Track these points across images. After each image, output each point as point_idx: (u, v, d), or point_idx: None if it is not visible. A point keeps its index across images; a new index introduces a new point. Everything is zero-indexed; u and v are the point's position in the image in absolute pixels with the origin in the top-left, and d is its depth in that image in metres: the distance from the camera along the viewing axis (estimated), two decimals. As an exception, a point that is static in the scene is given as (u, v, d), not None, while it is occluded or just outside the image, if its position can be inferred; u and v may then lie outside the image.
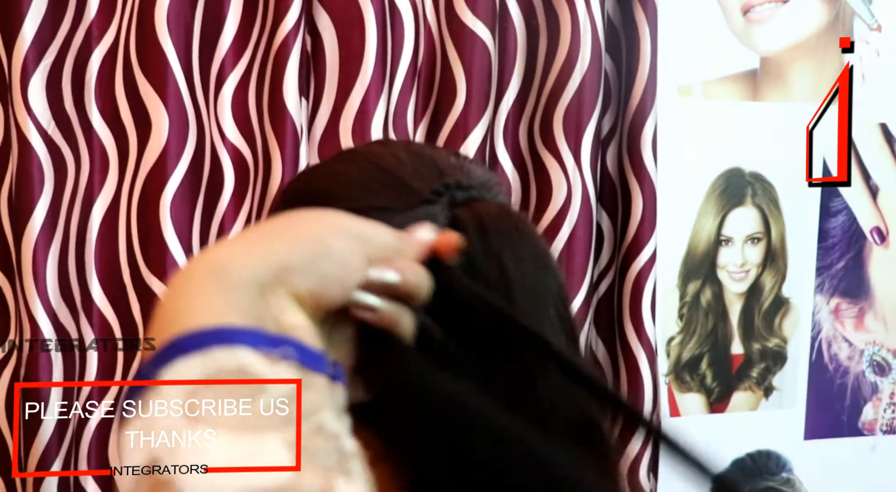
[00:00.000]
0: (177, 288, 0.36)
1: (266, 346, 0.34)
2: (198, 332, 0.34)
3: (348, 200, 0.46)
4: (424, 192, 0.45)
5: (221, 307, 0.35)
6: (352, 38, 1.03)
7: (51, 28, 0.98)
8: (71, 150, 1.00)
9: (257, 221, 1.03)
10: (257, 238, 0.38)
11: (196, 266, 0.37)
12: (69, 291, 1.01)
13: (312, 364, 0.35)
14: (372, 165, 0.47)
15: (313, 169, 0.54)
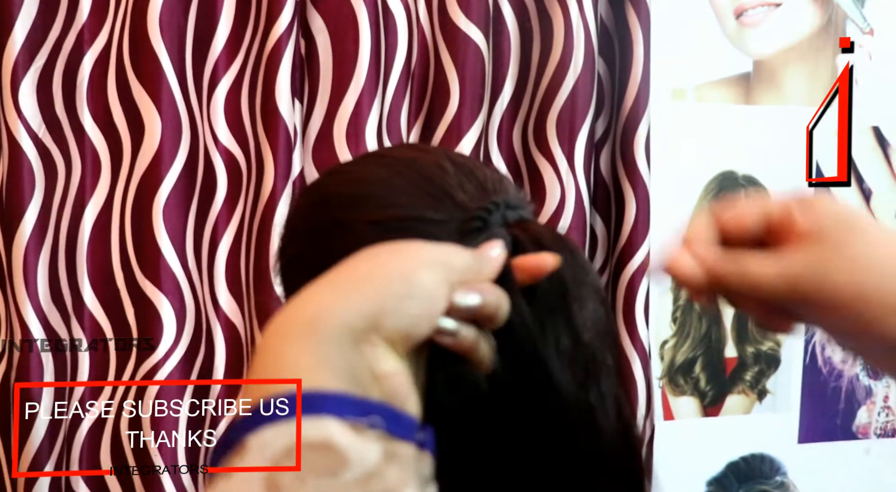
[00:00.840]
0: (268, 348, 0.36)
1: (353, 414, 0.33)
2: (285, 397, 0.33)
3: (394, 208, 0.45)
4: (471, 206, 0.45)
5: (314, 364, 0.35)
6: (345, 41, 1.03)
7: (42, 30, 0.97)
8: (61, 153, 0.99)
9: (250, 224, 1.03)
10: (346, 284, 0.37)
11: (288, 319, 0.36)
12: (60, 295, 1.00)
13: (400, 432, 0.34)
14: (414, 172, 0.47)
15: (338, 172, 0.52)
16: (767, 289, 0.40)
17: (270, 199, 1.00)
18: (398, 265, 0.38)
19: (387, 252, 0.39)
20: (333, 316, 0.36)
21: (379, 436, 0.33)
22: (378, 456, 0.33)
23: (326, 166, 1.03)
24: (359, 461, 0.32)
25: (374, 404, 0.34)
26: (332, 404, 0.33)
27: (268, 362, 0.35)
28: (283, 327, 0.36)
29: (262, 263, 1.01)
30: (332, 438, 0.32)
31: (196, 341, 1.04)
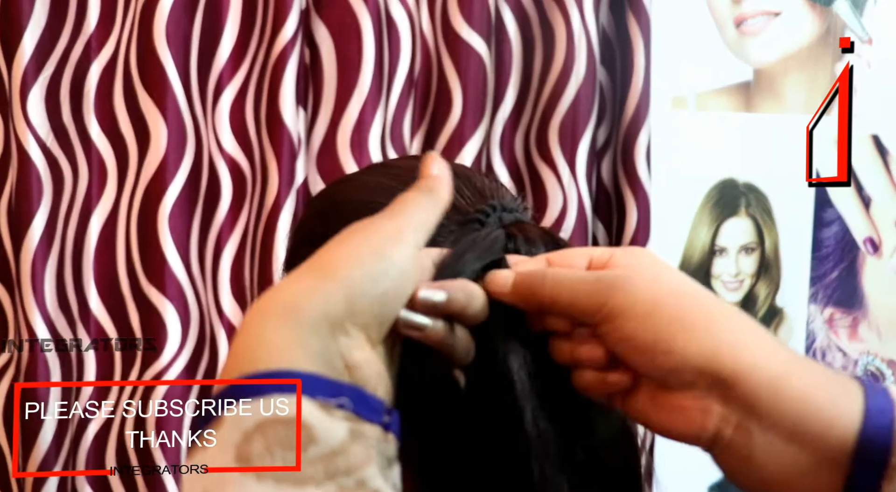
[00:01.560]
0: (248, 327, 0.38)
1: (323, 394, 0.35)
2: (258, 374, 0.35)
3: None
4: (469, 210, 0.47)
5: (291, 346, 0.36)
6: (349, 50, 1.04)
7: (50, 41, 0.98)
8: (69, 161, 1.01)
9: (255, 232, 1.04)
10: (324, 269, 0.39)
11: (267, 304, 0.38)
12: (66, 301, 1.01)
13: (367, 414, 0.36)
14: (415, 179, 0.48)
15: (350, 180, 0.54)
16: (572, 283, 0.41)
17: (274, 206, 1.01)
18: (370, 243, 0.39)
19: (361, 230, 0.40)
20: (312, 303, 0.37)
21: (346, 416, 0.35)
22: (344, 435, 0.34)
23: (330, 174, 1.04)
24: (325, 439, 0.34)
25: (343, 386, 0.36)
26: (303, 384, 0.35)
27: (248, 341, 0.37)
28: (264, 309, 0.38)
29: (265, 270, 1.02)
30: (302, 415, 0.34)
31: (200, 347, 1.05)
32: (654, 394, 0.41)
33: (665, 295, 0.40)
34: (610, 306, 0.40)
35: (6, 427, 0.99)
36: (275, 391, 0.34)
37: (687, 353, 0.39)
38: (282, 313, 0.37)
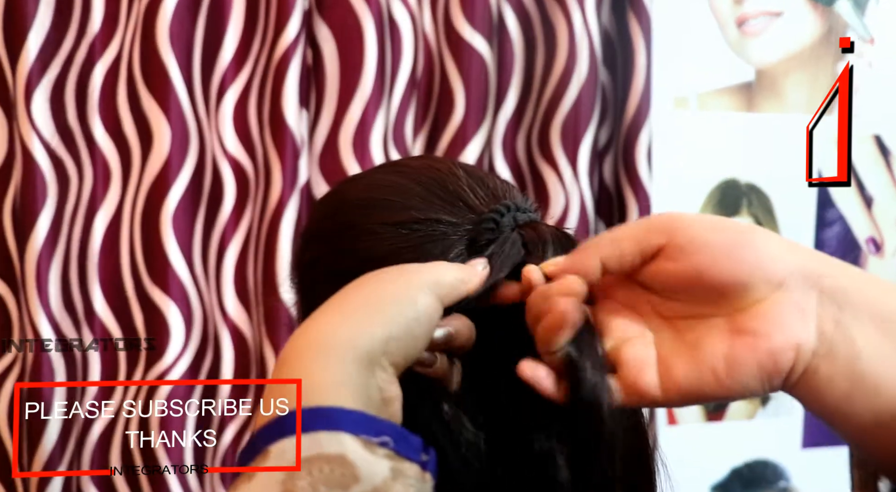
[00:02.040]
0: (291, 359, 0.38)
1: (367, 432, 0.35)
2: (307, 410, 0.36)
3: (410, 210, 0.47)
4: (483, 209, 0.47)
5: (336, 383, 0.37)
6: (351, 51, 1.04)
7: (54, 42, 0.99)
8: (74, 162, 1.01)
9: (258, 232, 1.04)
10: (362, 310, 0.40)
11: (310, 339, 0.39)
12: (71, 302, 1.02)
13: (407, 453, 0.36)
14: (429, 179, 0.49)
15: (358, 179, 0.54)
16: (626, 231, 0.42)
17: (278, 207, 1.01)
18: (402, 290, 0.40)
19: (388, 275, 0.41)
20: (355, 341, 0.38)
21: (387, 454, 0.35)
22: (386, 473, 0.35)
23: (332, 174, 1.04)
24: (368, 477, 0.34)
25: (385, 424, 0.36)
26: (348, 421, 0.35)
27: (292, 373, 0.37)
28: (305, 347, 0.38)
29: (269, 270, 1.02)
30: (346, 452, 0.34)
31: (203, 348, 1.05)
32: (733, 324, 0.39)
33: (721, 219, 0.41)
34: (680, 231, 0.40)
35: (11, 427, 1.00)
36: (321, 427, 0.35)
37: (772, 246, 0.39)
38: (325, 352, 0.38)
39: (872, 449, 0.39)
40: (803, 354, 0.38)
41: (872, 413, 0.37)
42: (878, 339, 0.37)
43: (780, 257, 0.39)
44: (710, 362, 0.39)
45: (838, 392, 0.38)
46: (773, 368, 0.38)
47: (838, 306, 0.38)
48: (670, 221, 0.40)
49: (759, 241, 0.39)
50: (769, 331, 0.38)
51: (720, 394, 0.40)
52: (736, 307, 0.39)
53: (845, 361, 0.38)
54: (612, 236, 0.42)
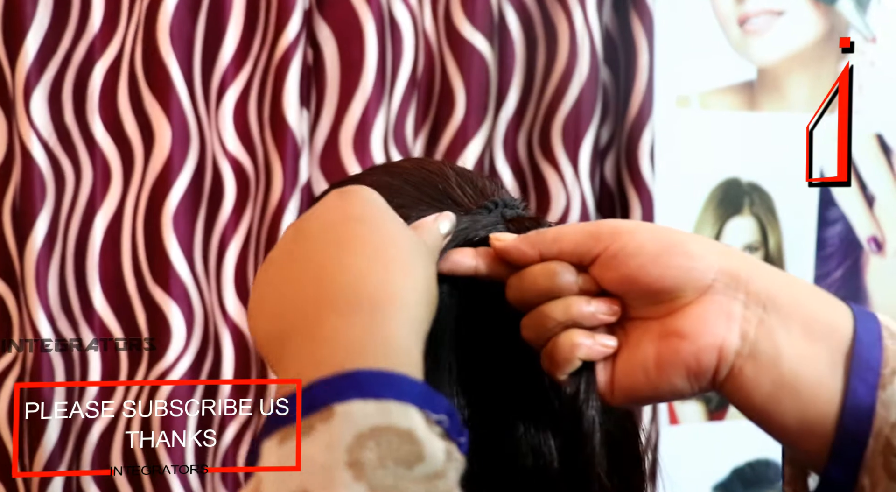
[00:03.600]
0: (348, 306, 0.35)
1: (430, 409, 0.33)
2: (379, 374, 0.33)
3: (399, 208, 0.47)
4: (471, 206, 0.48)
5: (405, 347, 0.35)
6: (352, 50, 1.04)
7: (53, 42, 0.99)
8: (71, 162, 1.01)
9: (258, 232, 1.04)
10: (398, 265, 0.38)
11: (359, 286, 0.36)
12: (72, 302, 1.02)
13: (456, 434, 0.34)
14: (419, 179, 0.49)
15: (357, 179, 0.54)
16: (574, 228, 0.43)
17: (278, 207, 1.01)
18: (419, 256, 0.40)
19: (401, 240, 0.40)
20: (411, 299, 0.37)
21: (441, 434, 0.33)
22: (444, 456, 0.32)
23: (333, 174, 1.04)
24: (431, 457, 0.32)
25: (443, 402, 0.34)
26: (417, 394, 0.33)
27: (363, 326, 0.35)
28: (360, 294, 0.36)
29: (269, 270, 1.02)
30: (414, 429, 0.32)
31: (204, 347, 1.05)
32: (663, 326, 0.41)
33: (661, 227, 0.43)
34: (616, 239, 0.41)
35: (12, 425, 1.00)
36: (392, 396, 0.32)
37: (703, 251, 0.41)
38: (400, 307, 0.36)
39: (799, 447, 0.40)
40: (726, 355, 0.39)
41: (796, 412, 0.39)
42: (802, 341, 0.39)
43: (709, 262, 0.40)
44: (643, 362, 0.41)
45: (763, 392, 0.39)
46: (697, 368, 0.40)
47: (764, 309, 0.39)
48: (609, 230, 0.42)
49: (689, 246, 0.41)
50: (693, 332, 0.40)
51: (651, 394, 0.41)
52: (667, 311, 0.41)
53: (768, 362, 0.39)
54: (555, 235, 0.43)
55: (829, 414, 0.38)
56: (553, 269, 0.42)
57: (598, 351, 0.42)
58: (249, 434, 1.05)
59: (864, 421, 0.37)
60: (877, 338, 0.39)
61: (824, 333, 0.39)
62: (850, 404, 0.38)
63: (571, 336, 0.42)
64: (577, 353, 0.41)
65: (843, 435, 0.38)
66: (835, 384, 0.38)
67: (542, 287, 0.42)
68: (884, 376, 0.38)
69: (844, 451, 0.38)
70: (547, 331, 0.42)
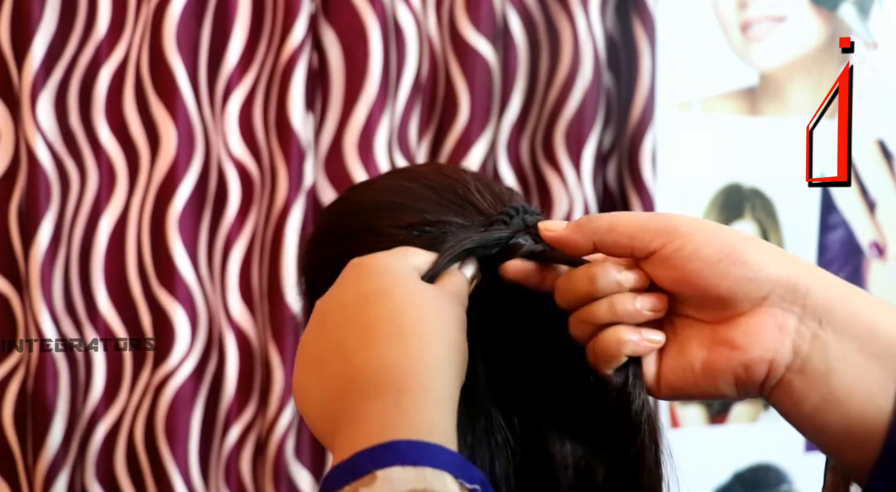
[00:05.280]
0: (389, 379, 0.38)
1: (465, 478, 0.35)
2: (416, 444, 0.35)
3: (423, 213, 0.48)
4: (491, 212, 0.48)
5: (441, 421, 0.37)
6: (356, 55, 1.04)
7: (60, 46, 0.99)
8: (77, 165, 1.01)
9: (263, 235, 1.05)
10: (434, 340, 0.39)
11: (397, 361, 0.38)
12: (76, 304, 1.02)
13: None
14: (438, 183, 0.50)
15: (368, 184, 0.55)
16: (631, 217, 0.43)
17: (283, 210, 1.02)
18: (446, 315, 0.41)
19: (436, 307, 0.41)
20: (451, 376, 0.38)
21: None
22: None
23: (337, 178, 1.05)
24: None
25: (477, 473, 0.36)
26: (452, 464, 0.35)
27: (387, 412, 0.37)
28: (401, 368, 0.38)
29: (274, 273, 1.03)
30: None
31: (208, 350, 1.05)
32: (714, 333, 0.41)
33: (721, 228, 0.42)
34: (674, 238, 0.41)
35: (17, 427, 1.00)
36: (428, 464, 0.34)
37: (762, 260, 0.40)
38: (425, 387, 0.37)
39: (842, 457, 0.40)
40: (776, 368, 0.40)
41: (842, 424, 0.39)
42: (855, 356, 0.39)
43: (767, 273, 0.40)
44: (691, 364, 0.41)
45: (810, 405, 0.40)
46: (746, 378, 0.40)
47: (819, 323, 0.39)
48: (669, 225, 0.41)
49: (749, 254, 0.40)
50: (746, 344, 0.40)
51: (696, 394, 0.42)
52: (719, 317, 0.41)
53: (819, 377, 0.39)
54: (610, 224, 0.43)
55: (877, 430, 0.38)
56: (595, 273, 0.42)
57: (644, 347, 0.42)
58: (253, 436, 1.05)
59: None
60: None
61: (879, 349, 0.39)
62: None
63: (617, 332, 0.42)
64: (623, 349, 0.42)
65: (889, 450, 0.38)
66: (885, 401, 0.38)
67: (586, 290, 0.43)
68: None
69: (890, 466, 0.38)
70: (593, 328, 0.43)
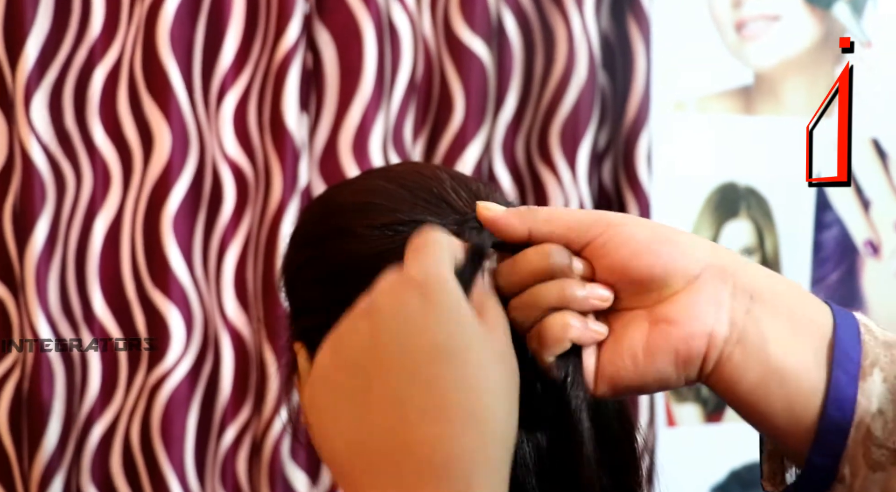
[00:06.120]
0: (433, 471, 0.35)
1: None
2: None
3: (395, 213, 0.48)
4: (466, 210, 0.48)
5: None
6: (351, 54, 1.04)
7: (53, 46, 0.99)
8: (72, 165, 1.01)
9: (258, 236, 1.04)
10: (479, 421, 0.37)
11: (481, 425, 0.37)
12: (72, 305, 1.02)
13: None
14: (414, 183, 0.50)
15: (347, 184, 0.55)
16: (567, 212, 0.44)
17: (278, 210, 1.02)
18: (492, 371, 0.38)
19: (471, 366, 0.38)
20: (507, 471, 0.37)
21: None
22: None
23: (332, 178, 1.05)
24: None
25: None
26: None
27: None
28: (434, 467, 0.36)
29: (269, 274, 1.02)
30: None
31: (203, 351, 1.05)
32: (652, 314, 0.42)
33: (649, 220, 0.44)
34: (607, 229, 0.42)
35: (13, 428, 1.00)
36: None
37: (691, 242, 0.42)
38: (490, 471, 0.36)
39: (783, 438, 0.42)
40: (716, 342, 0.41)
41: (783, 401, 0.40)
42: (787, 332, 0.40)
43: (698, 254, 0.42)
44: (631, 350, 0.42)
45: (751, 379, 0.40)
46: (686, 354, 0.41)
47: (751, 299, 0.41)
48: (602, 219, 0.43)
49: (678, 236, 0.43)
50: (683, 319, 0.41)
51: (637, 383, 0.42)
52: (655, 299, 0.42)
53: (756, 349, 0.40)
54: (548, 216, 0.44)
55: (813, 404, 0.40)
56: (549, 249, 0.42)
57: (589, 335, 0.42)
58: (249, 437, 1.05)
59: (847, 411, 0.39)
60: (855, 333, 0.40)
61: (807, 327, 0.41)
62: (833, 394, 0.39)
63: (564, 316, 0.42)
64: (568, 333, 0.42)
65: (826, 424, 0.39)
66: (819, 375, 0.40)
67: (537, 267, 0.42)
68: (864, 367, 0.39)
69: (827, 439, 0.39)
70: (539, 312, 0.42)
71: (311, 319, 0.50)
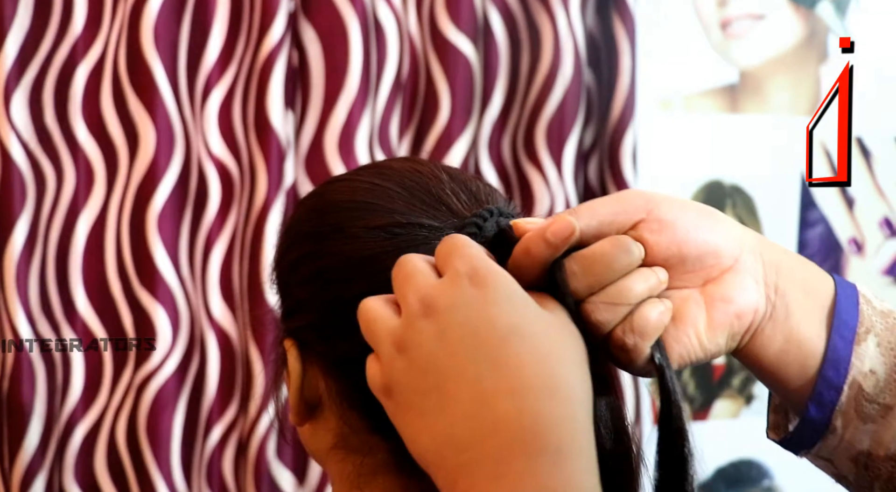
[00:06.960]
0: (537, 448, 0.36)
1: None
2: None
3: (393, 214, 0.47)
4: (465, 214, 0.47)
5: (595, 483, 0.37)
6: (336, 52, 1.04)
7: (33, 43, 0.98)
8: (52, 163, 1.00)
9: (243, 234, 1.04)
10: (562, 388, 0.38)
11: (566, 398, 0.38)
12: (53, 304, 1.01)
13: None
14: (412, 182, 0.49)
15: (341, 180, 0.54)
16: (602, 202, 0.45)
17: (263, 208, 1.01)
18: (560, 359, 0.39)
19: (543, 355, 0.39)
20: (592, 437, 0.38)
21: None
22: None
23: (318, 176, 1.04)
24: None
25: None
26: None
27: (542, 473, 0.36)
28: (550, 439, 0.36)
29: (255, 271, 1.02)
30: None
31: (190, 349, 1.05)
32: (707, 294, 0.44)
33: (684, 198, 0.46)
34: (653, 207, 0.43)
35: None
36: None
37: (727, 221, 0.46)
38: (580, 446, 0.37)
39: (793, 395, 0.46)
40: (757, 317, 0.44)
41: (797, 365, 0.45)
42: (801, 304, 0.45)
43: (734, 230, 0.45)
44: (694, 328, 0.44)
45: (775, 348, 0.45)
46: (738, 329, 0.44)
47: (776, 273, 0.45)
48: (644, 197, 0.44)
49: (717, 213, 0.46)
50: (736, 296, 0.44)
51: (699, 357, 0.44)
52: (704, 277, 0.44)
53: (781, 321, 0.44)
54: (589, 206, 0.44)
55: (813, 365, 0.45)
56: (627, 243, 0.42)
57: (668, 316, 0.43)
58: (235, 436, 1.05)
59: (842, 370, 0.44)
60: (854, 302, 0.45)
61: (816, 297, 0.45)
62: (830, 355, 0.44)
63: (656, 304, 0.42)
64: (666, 318, 0.43)
65: (823, 381, 0.44)
66: (821, 339, 0.45)
67: (624, 263, 0.42)
68: (859, 334, 0.45)
69: (823, 395, 0.44)
70: (628, 308, 0.42)
71: (302, 317, 0.50)
